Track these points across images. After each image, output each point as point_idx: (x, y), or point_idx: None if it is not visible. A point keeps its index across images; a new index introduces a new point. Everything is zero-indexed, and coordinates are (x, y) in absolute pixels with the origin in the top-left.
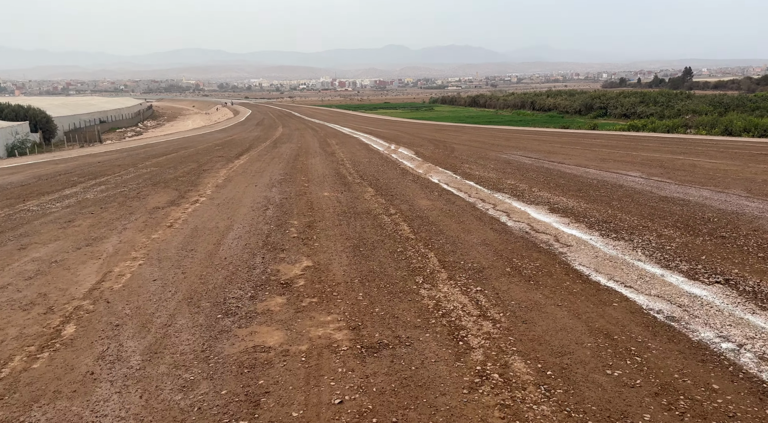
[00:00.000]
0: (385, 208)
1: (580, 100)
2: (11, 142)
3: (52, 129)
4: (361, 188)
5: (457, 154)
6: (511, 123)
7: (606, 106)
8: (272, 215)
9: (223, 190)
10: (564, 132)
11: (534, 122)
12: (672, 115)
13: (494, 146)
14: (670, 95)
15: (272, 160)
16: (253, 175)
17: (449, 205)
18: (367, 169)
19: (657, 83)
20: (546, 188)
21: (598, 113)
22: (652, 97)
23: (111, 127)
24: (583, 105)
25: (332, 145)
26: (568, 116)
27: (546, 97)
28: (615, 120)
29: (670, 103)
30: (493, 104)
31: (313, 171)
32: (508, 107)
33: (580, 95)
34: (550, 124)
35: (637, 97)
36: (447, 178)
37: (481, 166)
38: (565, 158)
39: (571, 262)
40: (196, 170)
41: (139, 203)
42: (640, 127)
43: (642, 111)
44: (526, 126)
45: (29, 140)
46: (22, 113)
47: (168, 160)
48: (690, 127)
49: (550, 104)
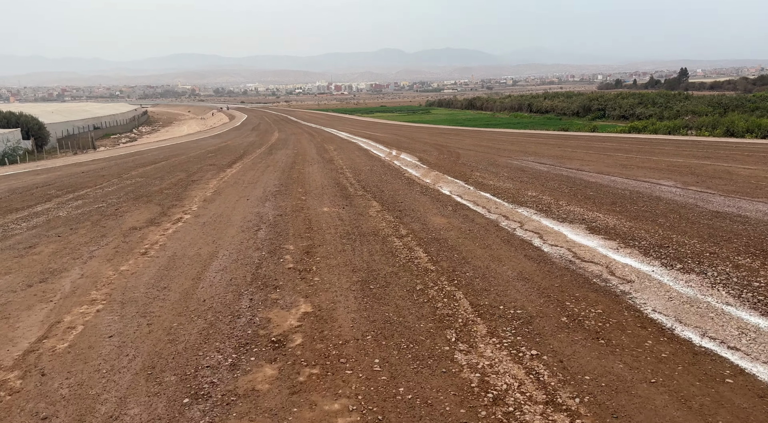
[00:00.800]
0: (394, 228)
1: (577, 102)
2: (2, 149)
3: (44, 136)
4: (365, 202)
5: (464, 161)
6: (509, 125)
7: (604, 107)
8: (264, 238)
9: (211, 205)
10: (568, 135)
11: (532, 125)
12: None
13: (502, 151)
14: (668, 96)
15: (267, 169)
16: (246, 187)
17: (468, 224)
18: (369, 179)
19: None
20: (575, 201)
21: (596, 115)
22: (651, 98)
23: (105, 134)
24: (580, 107)
25: (330, 151)
26: (566, 118)
27: (543, 100)
28: (614, 122)
29: (669, 104)
30: (490, 107)
31: (311, 181)
32: (504, 110)
33: (578, 97)
34: (549, 126)
35: (635, 99)
36: (459, 188)
37: (494, 175)
38: (583, 164)
39: (642, 306)
40: (184, 181)
41: (114, 223)
42: (641, 129)
43: (641, 112)
44: (525, 129)
45: (21, 148)
46: (14, 120)
47: (156, 169)
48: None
49: (547, 106)
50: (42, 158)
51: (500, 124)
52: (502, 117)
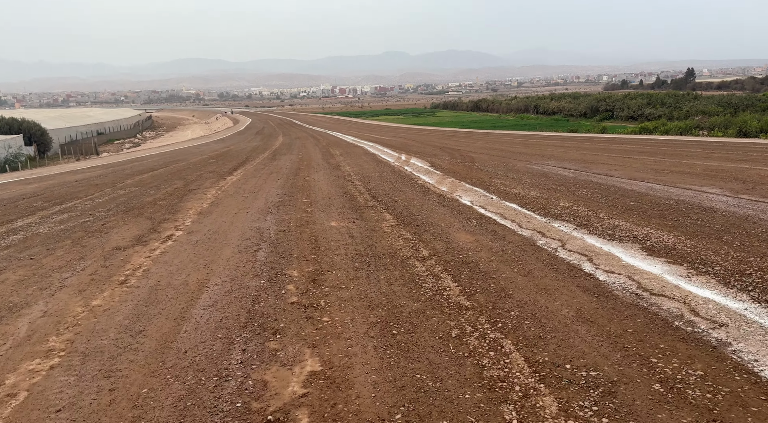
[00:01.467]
0: (413, 247)
1: (585, 103)
2: (3, 156)
3: (47, 142)
4: (377, 214)
5: (480, 166)
6: (517, 127)
7: (612, 108)
8: (264, 260)
9: (206, 218)
10: (583, 136)
11: (540, 126)
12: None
13: (517, 155)
14: (677, 96)
15: (270, 176)
16: (246, 197)
17: (499, 242)
18: (379, 187)
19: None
20: (617, 213)
21: (604, 116)
22: (659, 98)
23: (109, 139)
24: (588, 108)
25: (336, 156)
26: (573, 119)
27: (550, 101)
28: (622, 122)
29: (678, 104)
30: (496, 108)
31: (317, 190)
32: (511, 111)
33: (585, 98)
34: (557, 127)
35: (643, 99)
36: (480, 198)
37: (516, 181)
38: (610, 169)
39: (754, 365)
40: (181, 190)
41: (97, 241)
42: (651, 130)
43: (650, 113)
44: (534, 130)
45: (23, 154)
46: (16, 126)
47: (153, 177)
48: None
49: (554, 107)
50: (44, 165)
51: (507, 126)
52: (508, 119)
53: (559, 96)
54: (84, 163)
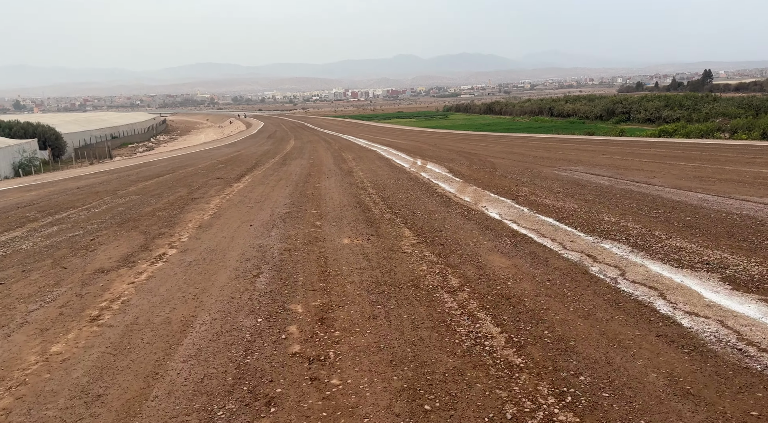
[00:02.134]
0: (440, 274)
1: (600, 105)
2: (18, 160)
3: (61, 146)
4: (394, 229)
5: (502, 172)
6: (531, 130)
7: (629, 110)
8: (264, 289)
9: (205, 233)
10: (606, 140)
11: (555, 129)
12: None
13: (540, 159)
14: (695, 98)
15: (278, 183)
16: (251, 207)
17: (541, 268)
18: (395, 196)
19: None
20: (675, 231)
21: (620, 118)
22: (677, 100)
23: (123, 143)
24: (604, 110)
25: (348, 161)
26: (588, 122)
27: (564, 103)
28: (640, 125)
29: (697, 106)
30: (509, 111)
31: (328, 199)
32: (524, 114)
33: (600, 100)
34: (572, 130)
35: (661, 101)
36: (509, 210)
37: (546, 190)
38: (648, 176)
39: None
40: (184, 199)
41: (81, 261)
42: (671, 133)
43: (668, 115)
44: (548, 133)
45: (37, 158)
46: (31, 130)
47: (158, 183)
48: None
49: (569, 110)
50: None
51: (521, 128)
52: (522, 121)
53: (574, 98)
54: (93, 167)
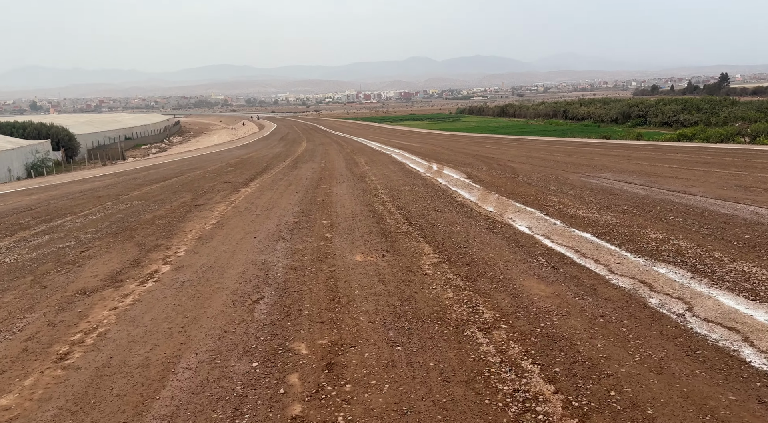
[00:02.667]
0: (470, 304)
1: (616, 108)
2: (31, 161)
3: (74, 147)
4: (413, 244)
5: (525, 178)
6: (546, 133)
7: (645, 114)
8: (264, 320)
9: (204, 246)
10: (629, 144)
11: (570, 132)
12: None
13: (562, 164)
14: (713, 102)
15: (288, 188)
16: (257, 216)
17: (589, 298)
18: (412, 205)
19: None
20: (737, 252)
21: (636, 121)
22: (695, 104)
23: (136, 144)
24: (619, 113)
25: (360, 165)
26: (604, 125)
27: (579, 106)
28: (656, 128)
29: (715, 110)
30: (523, 114)
31: (339, 207)
32: (538, 117)
33: (616, 103)
34: (588, 133)
35: (678, 105)
36: (539, 223)
37: (577, 200)
38: (685, 185)
39: None
40: (187, 205)
41: (64, 279)
42: (690, 137)
43: (685, 119)
44: (564, 136)
45: (50, 159)
46: (44, 131)
47: (163, 188)
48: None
49: (583, 113)
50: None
51: (536, 131)
52: (536, 124)
53: (589, 101)
54: (104, 169)
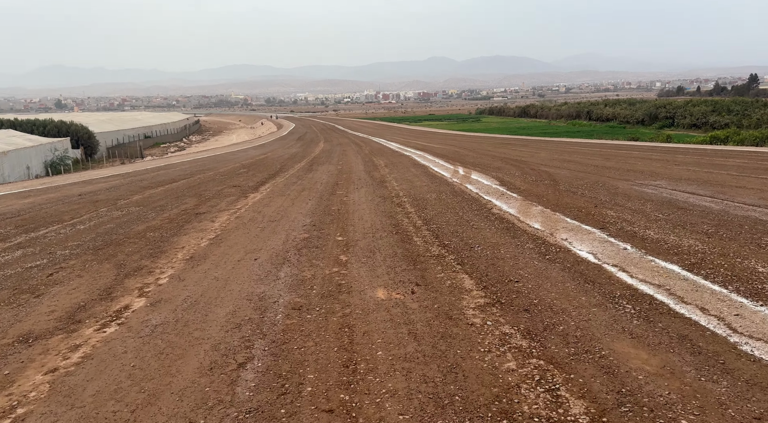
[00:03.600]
0: (545, 386)
1: (642, 110)
2: (50, 159)
3: (94, 145)
4: (447, 273)
5: (567, 186)
6: (570, 134)
7: (673, 115)
8: (246, 403)
9: (194, 270)
10: (666, 147)
11: (595, 133)
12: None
13: (604, 170)
14: (744, 103)
15: (300, 194)
16: (263, 229)
17: (725, 380)
18: (441, 217)
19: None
20: None
21: (663, 123)
22: (725, 105)
23: (156, 142)
24: (646, 114)
25: (380, 168)
26: (629, 126)
27: (603, 107)
28: (685, 131)
29: (747, 111)
30: (545, 114)
31: (357, 219)
32: (561, 117)
33: (642, 104)
34: (614, 135)
35: (708, 106)
36: (604, 247)
37: (639, 215)
38: (759, 197)
39: None
40: (188, 214)
41: (12, 315)
42: (723, 139)
43: (715, 121)
44: (589, 138)
45: (69, 157)
46: (64, 129)
47: (167, 191)
48: None
49: (608, 114)
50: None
51: (559, 132)
52: (559, 125)
53: (614, 102)
54: (118, 168)
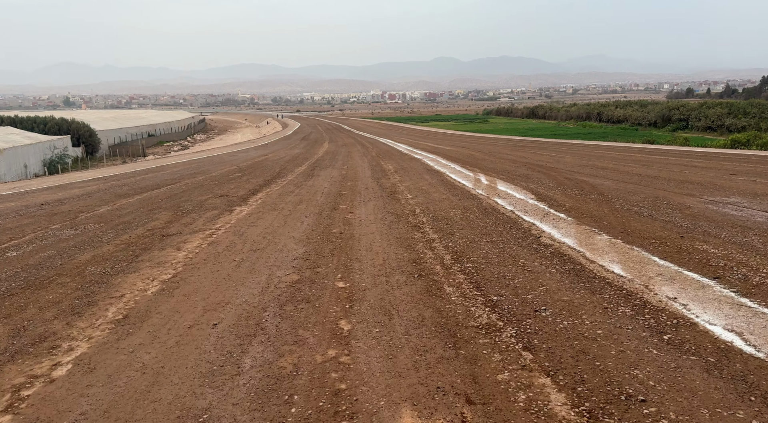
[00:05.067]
0: None
1: (655, 111)
2: (49, 157)
3: (95, 143)
4: (511, 370)
5: (622, 203)
6: (581, 136)
7: (687, 117)
8: None
9: (119, 346)
10: (698, 152)
11: (607, 135)
12: None
13: (653, 180)
14: (762, 106)
15: (296, 209)
16: (239, 264)
17: None
18: (475, 249)
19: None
20: None
21: (677, 126)
22: (741, 108)
23: (159, 141)
24: (659, 116)
25: (389, 174)
26: (642, 128)
27: (614, 108)
28: (699, 133)
29: (764, 114)
30: (554, 116)
31: (364, 250)
32: (570, 119)
33: (654, 106)
34: (627, 137)
35: (723, 108)
36: (742, 315)
37: (752, 253)
38: None
39: None
40: (153, 236)
41: None
42: (744, 143)
43: (731, 123)
44: (604, 140)
45: (68, 155)
46: (65, 127)
47: (142, 202)
48: None
49: (619, 115)
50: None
51: (568, 134)
52: (568, 127)
53: (624, 103)
54: (109, 169)
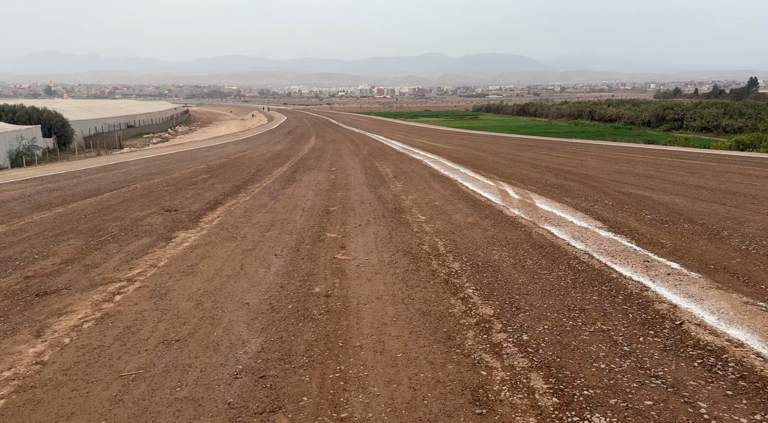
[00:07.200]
0: None
1: (648, 111)
2: (15, 148)
3: (68, 134)
4: None
5: (736, 238)
6: (574, 135)
7: (681, 117)
8: None
9: None
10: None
11: (603, 134)
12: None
13: (724, 196)
14: (757, 106)
15: (264, 237)
16: (123, 390)
17: None
18: (569, 344)
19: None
20: None
21: (672, 125)
22: (737, 108)
23: (138, 132)
24: (653, 116)
25: (388, 181)
26: (635, 128)
27: (607, 107)
28: (695, 133)
29: (760, 115)
30: (545, 113)
31: (370, 349)
32: (562, 117)
33: (648, 105)
34: (622, 137)
35: (719, 109)
36: None
37: None
38: None
39: None
40: (19, 295)
41: None
42: (748, 144)
43: (727, 124)
44: (600, 139)
45: (38, 146)
46: (36, 116)
47: (55, 219)
48: None
49: (612, 114)
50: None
51: (561, 132)
52: (560, 124)
53: (617, 102)
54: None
